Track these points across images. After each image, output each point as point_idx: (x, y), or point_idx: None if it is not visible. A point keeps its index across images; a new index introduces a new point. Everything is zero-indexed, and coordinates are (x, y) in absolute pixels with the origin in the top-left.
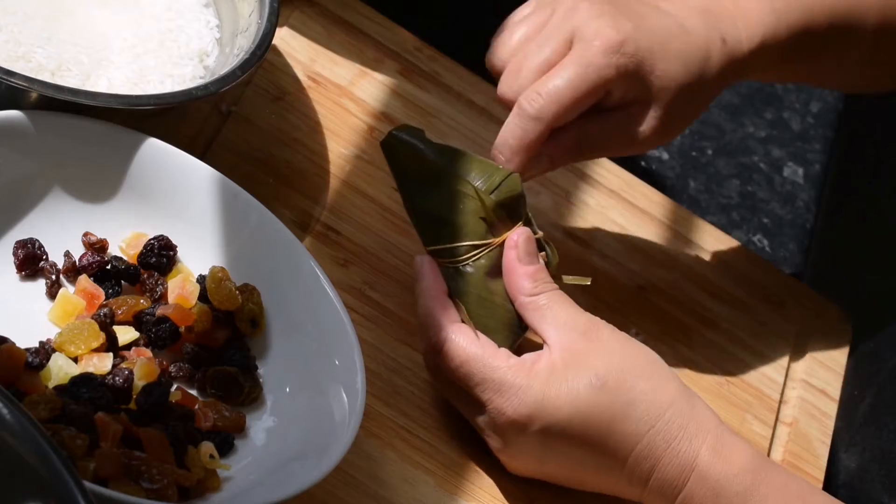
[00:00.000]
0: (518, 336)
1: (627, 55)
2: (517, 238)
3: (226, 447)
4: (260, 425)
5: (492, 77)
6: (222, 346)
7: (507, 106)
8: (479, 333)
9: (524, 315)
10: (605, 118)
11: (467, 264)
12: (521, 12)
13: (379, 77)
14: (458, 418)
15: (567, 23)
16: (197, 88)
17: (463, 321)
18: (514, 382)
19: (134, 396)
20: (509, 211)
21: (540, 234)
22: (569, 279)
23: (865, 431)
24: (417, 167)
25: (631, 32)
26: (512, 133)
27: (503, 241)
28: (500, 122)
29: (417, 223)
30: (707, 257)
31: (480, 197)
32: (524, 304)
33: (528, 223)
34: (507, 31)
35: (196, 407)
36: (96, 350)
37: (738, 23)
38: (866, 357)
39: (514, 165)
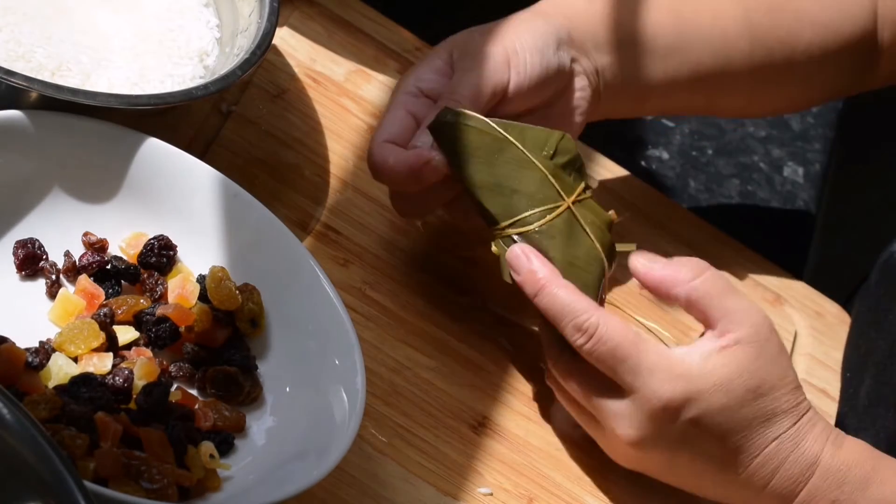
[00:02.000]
0: (601, 300)
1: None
2: (637, 265)
3: (226, 447)
4: (260, 425)
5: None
6: (222, 346)
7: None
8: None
9: (688, 306)
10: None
11: (545, 231)
12: None
13: (379, 77)
14: (458, 418)
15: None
16: (197, 88)
17: None
18: (671, 368)
19: (134, 396)
20: (570, 171)
21: (591, 187)
22: (620, 246)
23: (874, 413)
24: (473, 145)
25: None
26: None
27: (574, 201)
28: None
29: (484, 200)
30: (707, 257)
31: (543, 163)
32: (688, 295)
33: (581, 167)
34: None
35: (196, 407)
36: (96, 350)
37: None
38: (857, 338)
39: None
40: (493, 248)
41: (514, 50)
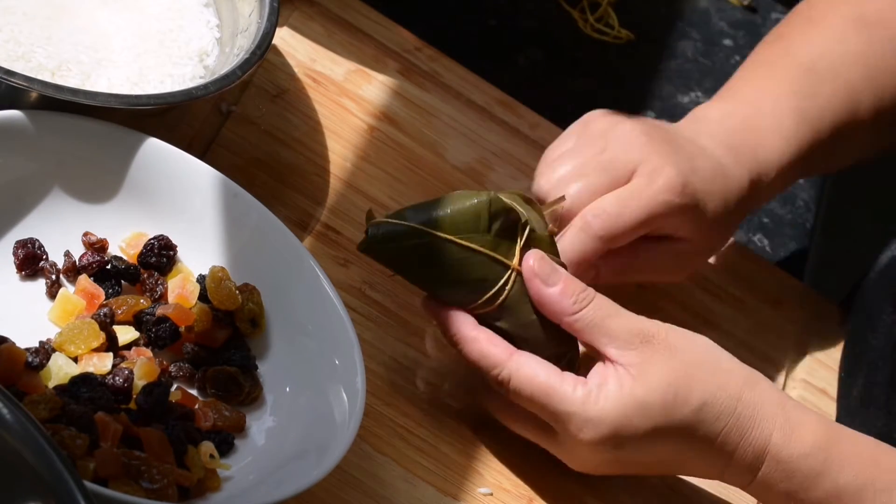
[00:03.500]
0: (574, 348)
1: (687, 196)
2: (532, 264)
3: (226, 447)
4: (260, 425)
5: (491, 77)
6: (222, 346)
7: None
8: (540, 360)
9: (577, 335)
10: (654, 249)
11: (506, 304)
12: (562, 146)
13: (379, 77)
14: (458, 419)
15: (627, 156)
16: (197, 88)
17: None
18: (586, 414)
19: (134, 396)
20: (509, 231)
21: (527, 222)
22: (546, 207)
23: (864, 414)
24: (411, 253)
25: (688, 174)
26: (573, 247)
27: (520, 263)
28: (500, 122)
29: (444, 296)
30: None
31: (482, 243)
32: (572, 325)
33: (517, 222)
34: (551, 164)
35: (196, 407)
36: (96, 350)
37: (759, 158)
38: (853, 339)
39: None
40: None
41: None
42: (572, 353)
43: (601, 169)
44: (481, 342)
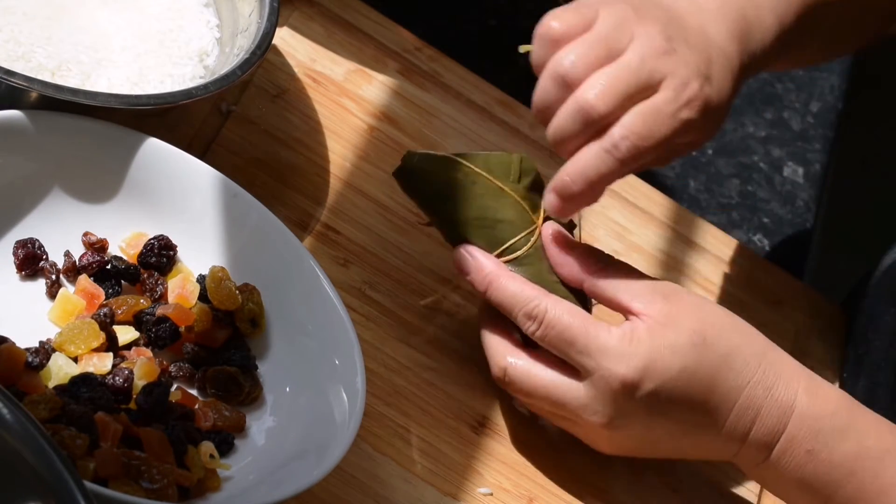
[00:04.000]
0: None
1: (707, 111)
2: (550, 233)
3: (226, 447)
4: (260, 425)
5: (491, 77)
6: (222, 346)
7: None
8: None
9: (597, 296)
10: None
11: (532, 254)
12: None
13: (379, 77)
14: (459, 418)
15: (655, 63)
16: (197, 88)
17: None
18: (620, 346)
19: (134, 396)
20: (536, 189)
21: None
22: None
23: None
24: (446, 183)
25: (707, 86)
26: (595, 167)
27: (542, 221)
28: (500, 122)
29: (470, 235)
30: (707, 257)
31: (513, 189)
32: (591, 289)
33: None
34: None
35: (196, 407)
36: (96, 350)
37: (755, 35)
38: (855, 339)
39: (583, 195)
40: None
41: None
42: None
43: (623, 66)
44: (517, 279)
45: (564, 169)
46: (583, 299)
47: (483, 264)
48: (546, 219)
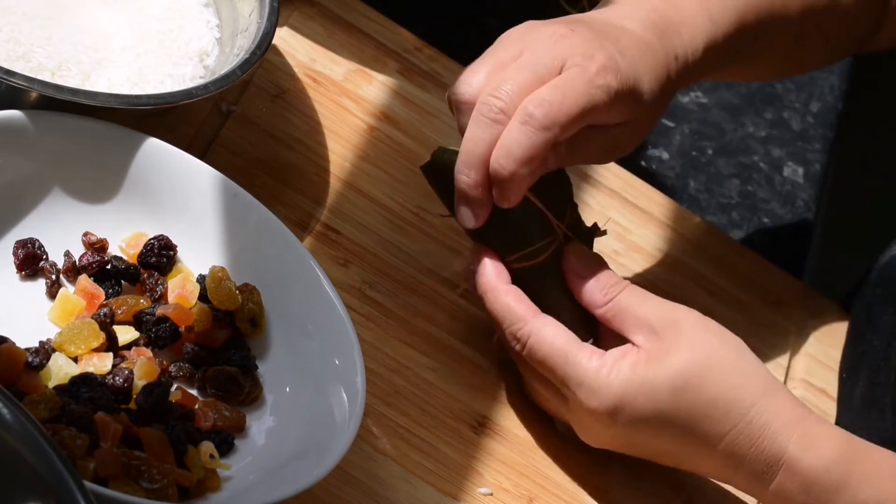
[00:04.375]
0: (595, 335)
1: (623, 78)
2: (571, 254)
3: (226, 447)
4: (260, 425)
5: None
6: (222, 346)
7: (464, 111)
8: (562, 326)
9: (607, 324)
10: (594, 132)
11: (541, 268)
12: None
13: (379, 77)
14: (458, 418)
15: (550, 53)
16: (197, 88)
17: None
18: (597, 378)
19: (134, 396)
20: (560, 202)
21: (576, 205)
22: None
23: (867, 414)
24: None
25: (618, 57)
26: (519, 144)
27: (565, 232)
28: None
29: (485, 235)
30: (707, 257)
31: (536, 194)
32: (602, 317)
33: (571, 203)
34: (473, 67)
35: (196, 407)
36: (96, 350)
37: (683, 35)
38: (854, 339)
39: (517, 176)
40: None
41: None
42: (594, 340)
43: (524, 69)
44: (511, 295)
45: (492, 157)
46: (591, 319)
47: (484, 271)
48: (569, 226)
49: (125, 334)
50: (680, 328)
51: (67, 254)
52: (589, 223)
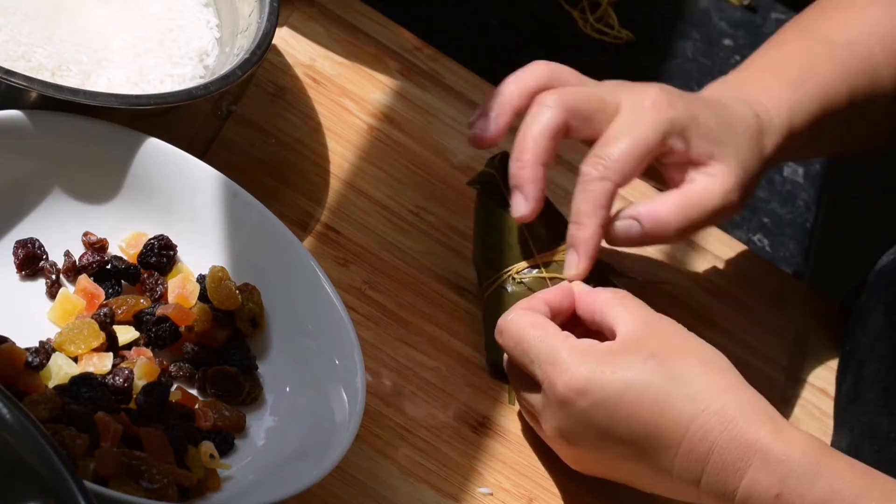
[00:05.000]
0: None
1: (678, 110)
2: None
3: (226, 447)
4: (260, 425)
5: (491, 77)
6: (222, 345)
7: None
8: (540, 314)
9: (598, 328)
10: (692, 185)
11: (519, 281)
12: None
13: (379, 77)
14: (459, 418)
15: (609, 90)
16: (197, 88)
17: None
18: (568, 357)
19: (134, 396)
20: (549, 231)
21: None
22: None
23: (852, 409)
24: (485, 208)
25: (676, 95)
26: (582, 199)
27: (545, 262)
28: None
29: (482, 261)
30: (707, 257)
31: (515, 223)
32: (604, 302)
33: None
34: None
35: (196, 407)
36: (96, 350)
37: (763, 101)
38: (847, 339)
39: (594, 231)
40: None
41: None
42: None
43: (583, 95)
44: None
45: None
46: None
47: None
48: (544, 254)
49: (125, 334)
50: (661, 325)
51: (67, 254)
52: None
